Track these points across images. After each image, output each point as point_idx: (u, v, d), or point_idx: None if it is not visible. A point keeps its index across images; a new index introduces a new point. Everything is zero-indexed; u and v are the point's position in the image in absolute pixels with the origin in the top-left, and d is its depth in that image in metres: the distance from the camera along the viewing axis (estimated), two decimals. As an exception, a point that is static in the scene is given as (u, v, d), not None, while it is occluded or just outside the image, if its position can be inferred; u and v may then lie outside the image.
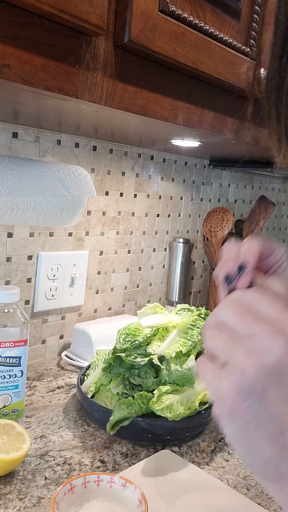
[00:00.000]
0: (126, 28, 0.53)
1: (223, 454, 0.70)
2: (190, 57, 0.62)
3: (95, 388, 0.76)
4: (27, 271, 0.93)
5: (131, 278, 1.17)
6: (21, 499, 0.57)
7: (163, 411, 0.68)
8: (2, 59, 0.44)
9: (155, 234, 1.22)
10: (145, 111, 0.61)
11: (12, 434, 0.62)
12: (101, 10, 0.49)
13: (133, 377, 0.72)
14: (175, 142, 0.93)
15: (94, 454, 0.67)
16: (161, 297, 1.27)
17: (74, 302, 1.02)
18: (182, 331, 0.77)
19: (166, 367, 0.72)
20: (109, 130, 0.86)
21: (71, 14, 0.47)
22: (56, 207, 0.74)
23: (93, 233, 1.04)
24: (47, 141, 0.91)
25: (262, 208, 1.34)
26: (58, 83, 0.50)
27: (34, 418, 0.75)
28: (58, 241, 0.98)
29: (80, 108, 0.60)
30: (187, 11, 0.61)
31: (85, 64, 0.52)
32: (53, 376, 0.91)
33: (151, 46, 0.56)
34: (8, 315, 0.67)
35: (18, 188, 0.68)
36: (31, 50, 0.47)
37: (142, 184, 1.14)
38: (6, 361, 0.67)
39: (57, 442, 0.69)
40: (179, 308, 0.84)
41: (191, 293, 1.39)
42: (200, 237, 1.37)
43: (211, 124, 0.72)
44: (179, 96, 0.65)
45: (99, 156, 1.02)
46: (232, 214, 1.32)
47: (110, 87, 0.56)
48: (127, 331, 0.76)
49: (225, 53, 0.68)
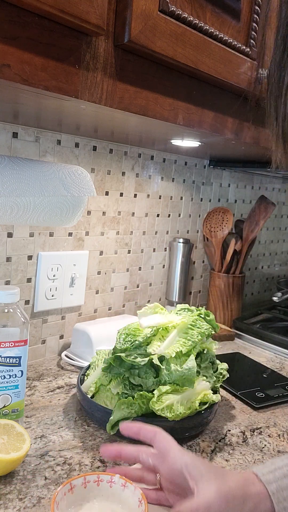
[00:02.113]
0: (126, 28, 0.53)
1: (223, 454, 0.70)
2: (190, 57, 0.62)
3: (95, 388, 0.76)
4: (27, 271, 0.93)
5: (131, 278, 1.17)
6: (21, 499, 0.57)
7: (163, 411, 0.68)
8: (2, 59, 0.44)
9: (155, 234, 1.22)
10: (145, 111, 0.61)
11: (12, 434, 0.62)
12: (101, 10, 0.49)
13: (133, 377, 0.72)
14: (175, 142, 0.93)
15: (94, 454, 0.67)
16: (161, 297, 1.27)
17: (74, 302, 1.02)
18: (182, 331, 0.77)
19: (166, 367, 0.72)
20: (109, 130, 0.86)
21: (71, 14, 0.47)
22: (56, 207, 0.74)
23: (93, 233, 1.04)
24: (47, 141, 0.91)
25: (262, 208, 1.34)
26: (58, 83, 0.50)
27: (34, 418, 0.75)
28: (58, 241, 0.98)
29: (80, 108, 0.60)
30: (187, 11, 0.61)
31: (85, 64, 0.52)
32: (53, 376, 0.91)
33: (151, 46, 0.56)
34: (8, 315, 0.67)
35: (18, 188, 0.68)
36: (31, 50, 0.47)
37: (142, 184, 1.14)
38: (6, 361, 0.67)
39: (57, 442, 0.69)
40: (179, 308, 0.84)
41: (191, 293, 1.39)
42: (200, 237, 1.37)
43: (211, 124, 0.72)
44: (179, 96, 0.65)
45: (99, 156, 1.02)
46: (232, 214, 1.32)
47: (110, 87, 0.56)
48: (127, 331, 0.76)
49: (225, 53, 0.68)
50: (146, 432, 0.56)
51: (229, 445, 0.73)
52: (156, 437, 0.55)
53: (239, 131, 0.78)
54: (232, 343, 1.23)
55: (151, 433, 0.55)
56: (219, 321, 1.34)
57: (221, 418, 0.81)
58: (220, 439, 0.74)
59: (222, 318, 1.34)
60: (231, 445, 0.73)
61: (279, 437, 0.76)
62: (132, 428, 0.57)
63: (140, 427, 0.56)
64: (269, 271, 1.71)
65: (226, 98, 0.73)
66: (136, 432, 0.56)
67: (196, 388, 0.73)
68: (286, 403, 0.88)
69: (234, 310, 1.35)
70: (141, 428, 0.56)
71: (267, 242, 1.67)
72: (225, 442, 0.73)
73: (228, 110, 0.75)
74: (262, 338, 1.22)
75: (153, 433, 0.55)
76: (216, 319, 1.33)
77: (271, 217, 1.65)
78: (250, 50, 0.72)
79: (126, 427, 0.57)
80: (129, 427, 0.57)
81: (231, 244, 1.32)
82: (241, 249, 1.33)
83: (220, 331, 1.24)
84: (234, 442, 0.74)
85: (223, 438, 0.74)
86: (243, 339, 1.26)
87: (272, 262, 1.73)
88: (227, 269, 1.33)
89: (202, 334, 0.77)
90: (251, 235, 1.33)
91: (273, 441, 0.75)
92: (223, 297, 1.33)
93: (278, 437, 0.76)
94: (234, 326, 1.32)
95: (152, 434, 0.55)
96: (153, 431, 0.55)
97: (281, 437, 0.76)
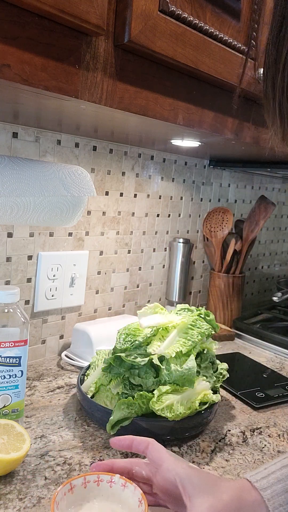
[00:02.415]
0: (126, 28, 0.53)
1: (223, 454, 0.70)
2: (190, 57, 0.62)
3: (95, 388, 0.76)
4: (27, 271, 0.93)
5: (131, 278, 1.17)
6: (21, 499, 0.57)
7: (163, 411, 0.68)
8: (2, 59, 0.44)
9: (155, 234, 1.22)
10: (145, 111, 0.61)
11: (12, 434, 0.62)
12: (101, 10, 0.49)
13: (133, 377, 0.72)
14: (175, 142, 0.93)
15: (94, 454, 0.67)
16: (161, 297, 1.27)
17: (74, 302, 1.02)
18: (182, 331, 0.77)
19: (166, 367, 0.72)
20: (109, 130, 0.86)
21: (71, 14, 0.47)
22: (56, 207, 0.74)
23: (93, 233, 1.04)
24: (47, 141, 0.91)
25: (262, 208, 1.34)
26: (58, 83, 0.50)
27: (34, 418, 0.75)
28: (58, 241, 0.98)
29: (80, 108, 0.60)
30: (187, 11, 0.61)
31: (85, 64, 0.52)
32: (53, 376, 0.91)
33: (151, 46, 0.56)
34: (8, 315, 0.67)
35: (18, 188, 0.68)
36: (31, 50, 0.47)
37: (142, 184, 1.14)
38: (6, 361, 0.67)
39: (57, 442, 0.69)
40: (179, 308, 0.84)
41: (191, 293, 1.39)
42: (200, 237, 1.37)
43: (211, 124, 0.72)
44: (179, 96, 0.65)
45: (99, 156, 1.02)
46: (232, 214, 1.32)
47: (110, 87, 0.56)
48: (127, 331, 0.76)
49: (225, 53, 0.68)
50: (138, 444, 0.55)
51: (229, 445, 0.73)
52: (149, 448, 0.54)
53: (239, 131, 0.78)
54: (232, 343, 1.23)
55: (144, 444, 0.54)
56: (219, 321, 1.34)
57: (221, 418, 0.81)
58: (220, 439, 0.74)
59: (222, 318, 1.34)
60: (231, 445, 0.73)
61: (279, 437, 0.76)
62: (124, 441, 0.56)
63: (132, 440, 0.55)
64: (269, 271, 1.71)
65: (226, 98, 0.73)
66: (128, 445, 0.55)
67: (196, 388, 0.73)
68: (286, 403, 0.88)
69: (234, 310, 1.35)
70: (133, 440, 0.55)
71: (267, 242, 1.67)
72: (225, 442, 0.73)
73: (228, 110, 0.75)
74: (262, 338, 1.22)
75: (145, 443, 0.54)
76: (216, 319, 1.33)
77: (271, 217, 1.65)
78: (250, 50, 0.72)
79: (117, 441, 0.56)
80: (120, 440, 0.56)
81: (231, 244, 1.32)
82: (241, 249, 1.33)
83: (220, 331, 1.24)
84: (234, 442, 0.74)
85: (223, 438, 0.74)
86: (243, 339, 1.26)
87: (272, 262, 1.73)
88: (227, 269, 1.33)
89: (202, 334, 0.77)
90: (251, 235, 1.33)
91: (273, 441, 0.75)
92: (223, 297, 1.33)
93: (278, 437, 0.76)
94: (234, 326, 1.32)
95: (145, 445, 0.54)
96: (146, 441, 0.54)
97: (281, 437, 0.76)
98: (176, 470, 0.50)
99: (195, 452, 0.70)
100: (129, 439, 0.56)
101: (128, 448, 0.56)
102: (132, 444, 0.55)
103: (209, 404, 0.74)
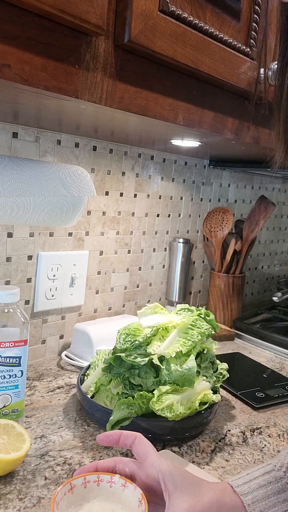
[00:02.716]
0: (126, 28, 0.53)
1: (223, 454, 0.70)
2: (190, 57, 0.62)
3: (95, 388, 0.76)
4: (27, 271, 0.93)
5: (131, 278, 1.17)
6: (21, 499, 0.57)
7: (163, 411, 0.68)
8: (2, 59, 0.44)
9: (155, 234, 1.22)
10: (145, 111, 0.61)
11: (12, 434, 0.62)
12: (101, 10, 0.49)
13: (133, 377, 0.72)
14: (175, 142, 0.93)
15: (94, 454, 0.67)
16: (161, 297, 1.27)
17: (74, 302, 1.02)
18: (182, 331, 0.77)
19: (166, 367, 0.72)
20: (109, 130, 0.86)
21: (71, 14, 0.47)
22: (56, 207, 0.74)
23: (93, 233, 1.04)
24: (47, 141, 0.91)
25: (262, 208, 1.34)
26: (58, 83, 0.50)
27: (34, 418, 0.75)
28: (58, 241, 0.98)
29: (80, 108, 0.60)
30: (187, 11, 0.61)
31: (85, 64, 0.52)
32: (53, 376, 0.91)
33: (151, 46, 0.56)
34: (8, 315, 0.67)
35: (18, 188, 0.68)
36: (31, 50, 0.47)
37: (142, 184, 1.14)
38: (6, 361, 0.67)
39: (57, 442, 0.69)
40: (179, 308, 0.84)
41: (191, 293, 1.39)
42: (200, 237, 1.37)
43: (211, 124, 0.72)
44: (179, 96, 0.65)
45: (99, 156, 1.02)
46: (232, 214, 1.32)
47: (110, 87, 0.56)
48: (127, 331, 0.76)
49: (225, 53, 0.68)
50: (125, 438, 0.54)
51: (229, 445, 0.73)
52: (135, 442, 0.53)
53: (239, 131, 0.78)
54: (232, 343, 1.23)
55: (131, 438, 0.54)
56: (219, 321, 1.34)
57: (221, 418, 0.81)
58: (220, 439, 0.74)
59: (222, 318, 1.34)
60: (231, 445, 0.73)
61: (279, 437, 0.76)
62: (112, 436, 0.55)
63: (120, 434, 0.55)
64: (269, 271, 1.72)
65: (226, 98, 0.73)
66: (115, 440, 0.55)
67: (196, 388, 0.73)
68: (286, 403, 0.88)
69: (234, 310, 1.35)
70: (120, 434, 0.55)
71: (267, 242, 1.67)
72: (225, 442, 0.73)
73: (228, 110, 0.75)
74: (262, 338, 1.22)
75: (132, 438, 0.54)
76: (216, 319, 1.33)
77: (271, 217, 1.65)
78: (250, 50, 0.72)
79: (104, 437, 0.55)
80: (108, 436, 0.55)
81: (231, 244, 1.32)
82: (241, 249, 1.33)
83: (220, 331, 1.24)
84: (234, 442, 0.74)
85: (223, 438, 0.74)
86: (243, 339, 1.26)
87: (272, 262, 1.73)
88: (227, 269, 1.33)
89: (202, 334, 0.77)
90: (251, 235, 1.33)
91: (273, 441, 0.75)
92: (223, 297, 1.33)
93: (278, 437, 0.76)
94: (234, 326, 1.32)
95: (132, 440, 0.54)
96: (133, 436, 0.54)
97: (281, 437, 0.76)
98: (160, 466, 0.49)
99: (195, 452, 0.70)
100: (116, 434, 0.55)
101: (115, 443, 0.55)
102: (119, 439, 0.55)
103: (209, 404, 0.74)
